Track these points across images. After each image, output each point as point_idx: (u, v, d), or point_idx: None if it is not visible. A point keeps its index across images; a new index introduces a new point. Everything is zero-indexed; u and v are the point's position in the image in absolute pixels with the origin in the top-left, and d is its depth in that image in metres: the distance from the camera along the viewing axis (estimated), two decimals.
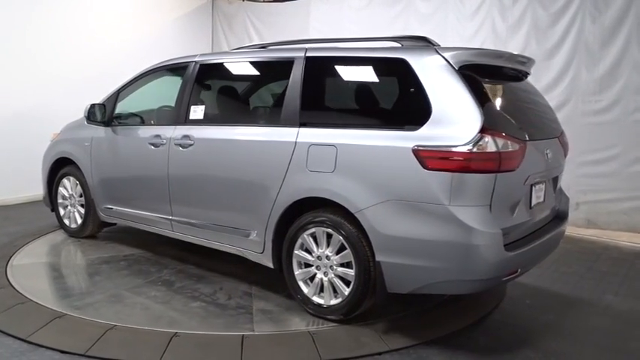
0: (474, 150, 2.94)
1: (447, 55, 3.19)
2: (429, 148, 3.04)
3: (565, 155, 3.96)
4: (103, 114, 4.94)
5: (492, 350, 3.25)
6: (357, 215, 3.28)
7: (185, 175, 4.30)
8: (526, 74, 3.93)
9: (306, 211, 3.57)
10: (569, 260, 5.11)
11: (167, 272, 4.48)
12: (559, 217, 4.02)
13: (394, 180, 3.17)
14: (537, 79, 6.47)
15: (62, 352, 3.05)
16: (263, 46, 4.37)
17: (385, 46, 3.62)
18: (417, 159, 3.06)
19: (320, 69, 3.75)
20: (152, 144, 4.48)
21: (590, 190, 6.41)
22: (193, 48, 5.97)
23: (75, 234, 5.47)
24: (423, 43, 3.51)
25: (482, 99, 3.11)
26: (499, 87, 3.69)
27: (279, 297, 3.91)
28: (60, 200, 5.57)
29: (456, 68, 3.14)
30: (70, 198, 5.46)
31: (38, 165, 5.85)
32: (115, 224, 5.30)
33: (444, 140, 3.02)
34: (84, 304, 3.74)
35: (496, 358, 3.14)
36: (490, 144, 2.96)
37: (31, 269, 4.57)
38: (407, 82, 3.35)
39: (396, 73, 3.50)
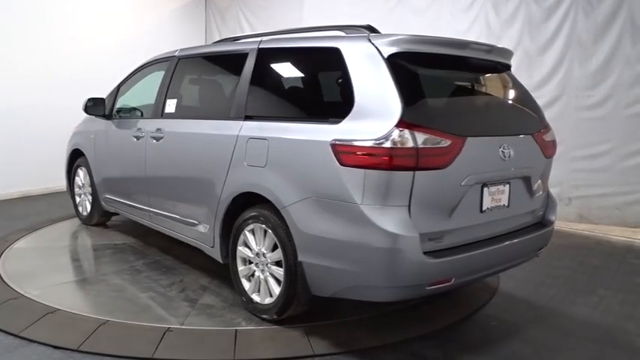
0: (388, 145, 2.71)
1: (377, 42, 2.98)
2: (344, 143, 2.85)
3: (547, 154, 3.57)
4: (102, 107, 5.11)
5: (483, 344, 3.27)
6: (282, 212, 3.15)
7: (156, 167, 4.42)
8: (504, 65, 3.66)
9: (249, 207, 3.47)
10: (561, 255, 5.14)
11: (143, 262, 4.61)
12: (542, 223, 3.67)
13: (314, 176, 3.00)
14: (530, 75, 6.53)
15: (55, 347, 3.04)
16: (236, 39, 4.32)
17: (329, 35, 3.44)
18: (334, 154, 2.87)
19: (267, 61, 3.66)
20: (135, 136, 4.64)
21: (583, 185, 6.44)
22: (186, 42, 5.93)
23: (86, 221, 5.81)
24: (365, 32, 3.24)
25: (410, 90, 2.91)
26: (452, 78, 3.48)
27: (232, 293, 3.83)
28: (76, 190, 5.89)
29: (385, 57, 2.92)
30: (82, 187, 5.76)
31: (28, 160, 5.92)
32: (118, 214, 5.43)
33: (360, 134, 2.81)
34: (41, 286, 3.95)
35: (487, 352, 3.15)
36: (407, 139, 2.71)
37: (22, 254, 4.82)
38: (338, 72, 3.15)
39: (331, 62, 3.22)
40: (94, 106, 5.12)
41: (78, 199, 5.88)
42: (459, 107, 3.34)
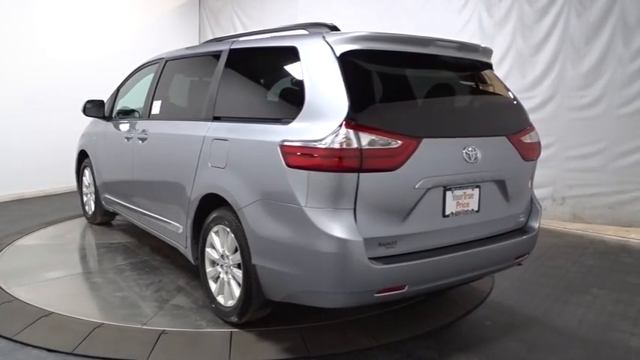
0: (330, 146, 2.63)
1: (331, 41, 2.91)
2: (290, 144, 2.80)
3: (526, 157, 3.38)
4: (101, 109, 5.21)
5: (478, 344, 3.27)
6: (238, 214, 3.12)
7: (141, 167, 4.52)
8: (483, 64, 3.52)
9: (214, 209, 3.44)
10: (555, 254, 5.16)
11: (130, 261, 4.68)
12: (524, 230, 3.50)
13: (266, 178, 2.96)
14: (523, 75, 6.57)
15: (49, 350, 3.03)
16: (220, 39, 4.29)
17: (291, 34, 3.40)
18: (282, 155, 2.82)
19: (235, 62, 3.65)
20: (126, 137, 4.75)
21: (576, 185, 6.47)
22: (180, 44, 5.92)
23: (90, 220, 5.98)
24: (325, 30, 3.15)
25: (361, 90, 2.83)
26: (416, 76, 3.34)
27: (204, 295, 3.75)
28: (83, 190, 6.05)
29: (337, 55, 2.84)
30: (88, 187, 5.91)
31: (23, 163, 5.95)
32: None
33: (306, 135, 2.75)
34: (26, 282, 4.08)
35: (482, 352, 3.16)
36: (350, 140, 2.61)
37: (17, 255, 4.88)
38: (294, 72, 3.09)
39: (289, 62, 3.15)
40: (92, 108, 5.22)
41: (85, 199, 6.04)
42: (418, 107, 3.20)
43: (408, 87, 3.27)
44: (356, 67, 2.86)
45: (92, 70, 7.94)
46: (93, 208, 5.83)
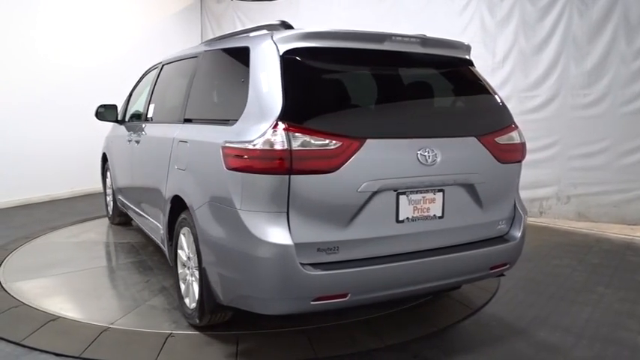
0: (259, 147, 2.56)
1: (276, 39, 2.82)
2: (229, 145, 2.74)
3: (503, 159, 3.13)
4: (113, 113, 5.33)
5: (485, 344, 3.27)
6: (192, 216, 3.10)
7: (136, 168, 4.66)
8: (460, 60, 3.31)
9: (183, 210, 3.39)
10: (560, 253, 5.15)
11: (129, 261, 4.82)
12: (505, 238, 3.25)
13: (212, 179, 2.94)
14: (526, 74, 6.57)
15: (56, 354, 3.04)
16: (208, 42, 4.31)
17: (247, 35, 3.31)
18: (223, 157, 2.77)
19: (204, 64, 3.65)
20: (128, 140, 4.90)
21: (581, 183, 6.46)
22: (182, 48, 5.96)
23: (111, 220, 6.20)
24: (277, 29, 3.04)
25: (300, 89, 2.73)
26: (368, 74, 3.22)
27: None
28: (107, 191, 6.25)
29: (280, 54, 2.75)
30: (109, 189, 6.15)
31: (28, 168, 6.05)
32: None
33: (243, 136, 2.68)
34: (21, 278, 4.28)
35: (489, 352, 3.15)
36: (280, 141, 2.53)
37: (25, 258, 4.96)
38: (244, 72, 2.99)
39: (242, 62, 3.05)
40: (105, 112, 5.31)
41: (107, 200, 6.28)
42: (364, 107, 3.07)
43: (355, 86, 3.15)
44: (298, 65, 2.76)
45: (96, 75, 7.98)
46: (112, 209, 6.07)
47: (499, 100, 3.34)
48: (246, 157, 2.62)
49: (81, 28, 7.94)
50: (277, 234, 2.56)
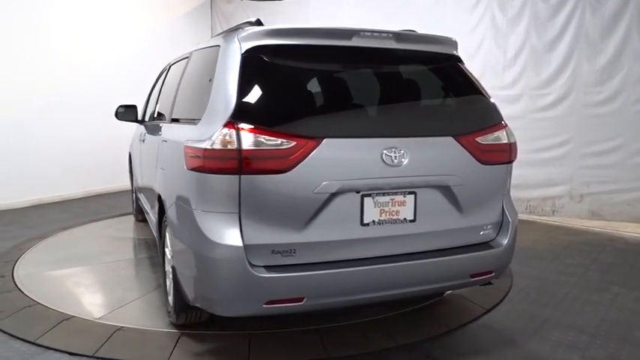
0: (208, 147, 2.53)
1: (240, 37, 2.78)
2: (189, 145, 2.74)
3: (484, 160, 2.95)
4: (133, 113, 5.32)
5: (498, 344, 3.25)
6: (166, 214, 3.15)
7: (143, 167, 4.82)
8: (444, 56, 3.14)
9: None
10: (573, 252, 5.11)
11: (138, 257, 5.01)
12: (490, 244, 3.07)
13: (177, 179, 2.96)
14: (538, 72, 6.52)
15: (71, 354, 3.06)
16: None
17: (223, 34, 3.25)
18: (184, 157, 2.77)
19: (191, 64, 3.67)
20: (140, 140, 5.03)
21: (594, 182, 6.40)
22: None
23: (135, 218, 6.40)
24: (247, 26, 2.96)
25: (256, 88, 2.67)
26: (332, 71, 3.14)
27: None
28: (134, 189, 6.36)
29: (242, 52, 2.71)
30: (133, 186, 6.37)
31: (35, 168, 6.47)
32: None
33: (200, 135, 2.66)
34: (30, 272, 4.49)
35: (502, 352, 3.14)
36: (229, 140, 2.49)
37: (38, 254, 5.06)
38: (213, 71, 2.93)
39: (213, 61, 2.99)
40: (124, 113, 5.32)
41: (133, 197, 6.41)
42: (323, 105, 3.01)
43: (317, 84, 3.09)
44: (258, 64, 2.71)
45: (108, 76, 8.03)
46: (135, 207, 6.25)
47: (486, 99, 3.15)
48: (200, 156, 2.60)
49: (94, 30, 7.99)
50: (227, 235, 2.52)
